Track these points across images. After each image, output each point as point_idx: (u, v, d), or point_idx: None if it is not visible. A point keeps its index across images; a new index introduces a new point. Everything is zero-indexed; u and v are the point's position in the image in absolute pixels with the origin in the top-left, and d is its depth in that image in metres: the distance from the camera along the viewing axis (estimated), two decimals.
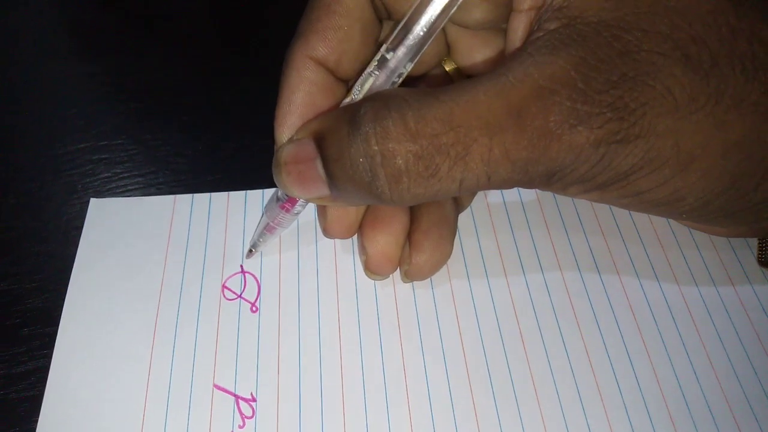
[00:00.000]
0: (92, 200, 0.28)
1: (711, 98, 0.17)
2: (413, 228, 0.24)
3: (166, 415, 0.22)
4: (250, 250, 0.26)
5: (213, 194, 0.28)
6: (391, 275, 0.26)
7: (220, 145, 0.31)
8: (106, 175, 0.30)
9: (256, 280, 0.26)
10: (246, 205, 0.28)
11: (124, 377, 0.23)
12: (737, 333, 0.25)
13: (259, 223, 0.25)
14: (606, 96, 0.17)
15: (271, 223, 0.24)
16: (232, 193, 0.29)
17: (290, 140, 0.21)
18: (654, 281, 0.26)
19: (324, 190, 0.20)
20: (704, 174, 0.18)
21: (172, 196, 0.28)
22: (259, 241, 0.26)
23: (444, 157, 0.17)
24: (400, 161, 0.17)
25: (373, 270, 0.24)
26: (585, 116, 0.17)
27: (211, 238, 0.27)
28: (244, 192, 0.29)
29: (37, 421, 0.22)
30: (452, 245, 0.24)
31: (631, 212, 0.28)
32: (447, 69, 0.25)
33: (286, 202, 0.23)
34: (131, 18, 0.38)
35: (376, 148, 0.17)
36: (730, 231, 0.26)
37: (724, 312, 0.26)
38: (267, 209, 0.24)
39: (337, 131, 0.18)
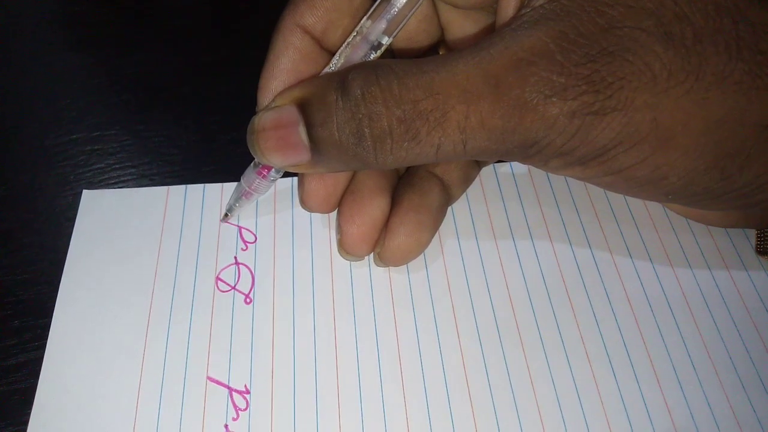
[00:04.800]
0: (85, 191, 0.28)
1: (691, 75, 0.17)
2: (392, 212, 0.24)
3: (160, 407, 0.22)
4: (226, 215, 0.26)
5: (207, 185, 0.28)
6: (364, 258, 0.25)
7: (214, 136, 0.31)
8: (98, 166, 0.29)
9: (250, 272, 0.26)
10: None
11: (117, 369, 0.23)
12: (730, 314, 0.25)
13: (235, 188, 0.25)
14: (583, 69, 0.17)
15: (248, 189, 0.24)
16: (225, 184, 0.28)
17: (267, 108, 0.21)
18: (647, 262, 0.26)
19: (304, 156, 0.20)
20: (685, 151, 0.18)
21: (165, 187, 0.28)
22: (235, 206, 0.26)
23: (423, 121, 0.18)
24: (385, 124, 0.18)
25: (346, 250, 0.24)
26: (560, 88, 0.17)
27: (204, 229, 0.27)
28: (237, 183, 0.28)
29: (28, 414, 0.22)
30: (431, 235, 0.25)
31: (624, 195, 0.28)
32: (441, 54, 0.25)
33: (262, 168, 0.23)
34: (124, 9, 0.38)
35: (364, 111, 0.18)
36: (725, 221, 0.26)
37: (718, 295, 0.25)
38: (244, 175, 0.24)
39: (324, 96, 0.19)
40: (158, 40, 0.36)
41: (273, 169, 0.23)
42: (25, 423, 0.22)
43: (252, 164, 0.24)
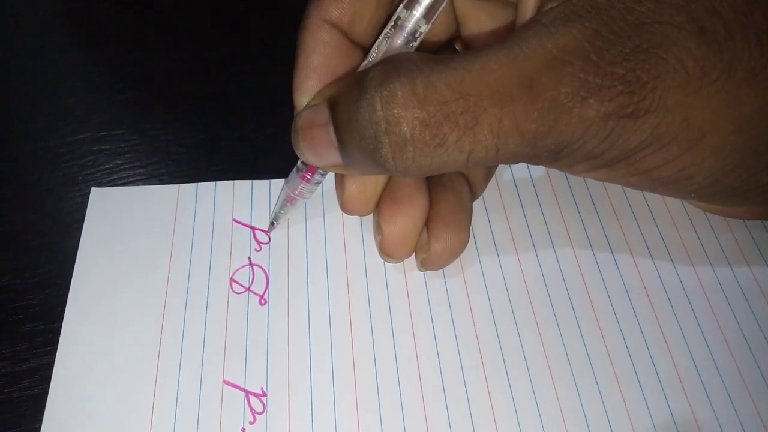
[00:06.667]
0: (93, 189, 0.27)
1: (723, 72, 0.17)
2: (431, 215, 0.23)
3: (176, 412, 0.22)
4: (272, 223, 0.26)
5: (218, 183, 0.28)
6: (403, 262, 0.25)
7: (221, 134, 0.30)
8: (107, 166, 0.29)
9: (265, 273, 0.25)
10: (252, 195, 0.27)
11: (131, 373, 0.23)
12: (753, 312, 0.25)
13: (279, 194, 0.25)
14: (618, 68, 0.16)
15: (292, 194, 0.24)
16: (237, 182, 0.28)
17: (308, 105, 0.20)
18: (667, 261, 0.26)
19: (336, 158, 0.19)
20: (714, 151, 0.17)
21: (176, 186, 0.28)
22: (281, 213, 0.25)
23: (452, 126, 0.17)
24: (406, 128, 0.17)
25: (387, 252, 0.23)
26: (596, 89, 0.16)
27: (217, 229, 0.26)
28: (249, 181, 0.28)
29: (40, 420, 0.22)
30: (469, 233, 0.24)
31: (643, 192, 0.28)
32: (458, 49, 0.24)
33: (305, 172, 0.23)
34: (129, 6, 0.37)
35: (380, 113, 0.17)
36: (745, 213, 0.26)
37: (739, 291, 0.25)
38: (288, 180, 0.24)
39: (348, 96, 0.18)
40: (164, 38, 0.35)
41: (317, 173, 0.23)
42: (37, 430, 0.21)
43: (295, 168, 0.23)
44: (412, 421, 0.22)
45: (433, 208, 0.23)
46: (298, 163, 0.23)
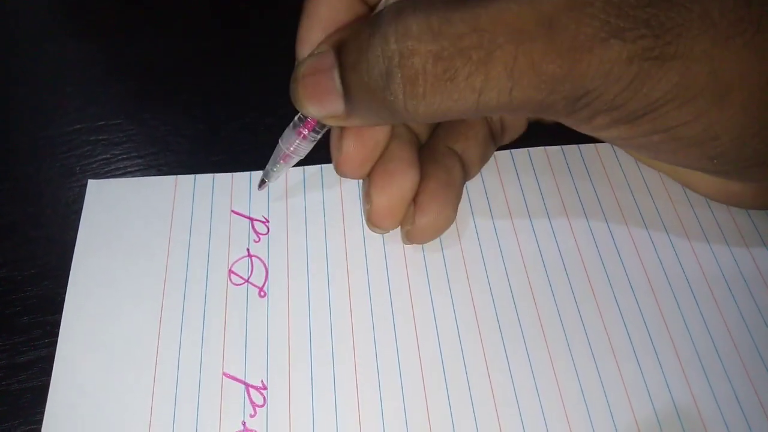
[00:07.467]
0: (90, 181, 0.27)
1: (752, 25, 0.16)
2: (420, 188, 0.23)
3: (175, 405, 0.22)
4: (263, 181, 0.25)
5: (216, 175, 0.27)
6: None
7: (221, 125, 0.30)
8: (104, 156, 0.29)
9: (264, 264, 0.25)
10: (251, 187, 0.27)
11: (130, 366, 0.22)
12: (752, 296, 0.24)
13: (274, 152, 0.24)
14: (641, 12, 0.16)
15: (286, 151, 0.23)
16: (236, 174, 0.28)
17: (311, 54, 0.20)
18: (662, 232, 0.26)
19: (338, 104, 0.19)
20: (741, 108, 0.17)
21: (173, 177, 0.27)
22: (273, 171, 0.24)
23: (465, 60, 0.16)
24: (418, 61, 0.16)
25: (375, 221, 0.24)
26: (618, 30, 0.16)
27: (215, 221, 0.26)
28: (248, 173, 0.28)
29: (40, 412, 0.21)
30: (456, 211, 0.24)
31: (640, 168, 0.28)
32: None
33: (302, 127, 0.22)
34: None
35: (394, 46, 0.16)
36: (748, 202, 0.25)
37: (739, 274, 0.25)
38: (282, 137, 0.23)
39: (358, 36, 0.18)
40: (162, 26, 0.35)
41: (313, 129, 0.22)
42: (38, 422, 0.21)
43: (291, 124, 0.23)
44: (414, 418, 0.22)
45: (423, 183, 0.23)
46: (295, 118, 0.22)
